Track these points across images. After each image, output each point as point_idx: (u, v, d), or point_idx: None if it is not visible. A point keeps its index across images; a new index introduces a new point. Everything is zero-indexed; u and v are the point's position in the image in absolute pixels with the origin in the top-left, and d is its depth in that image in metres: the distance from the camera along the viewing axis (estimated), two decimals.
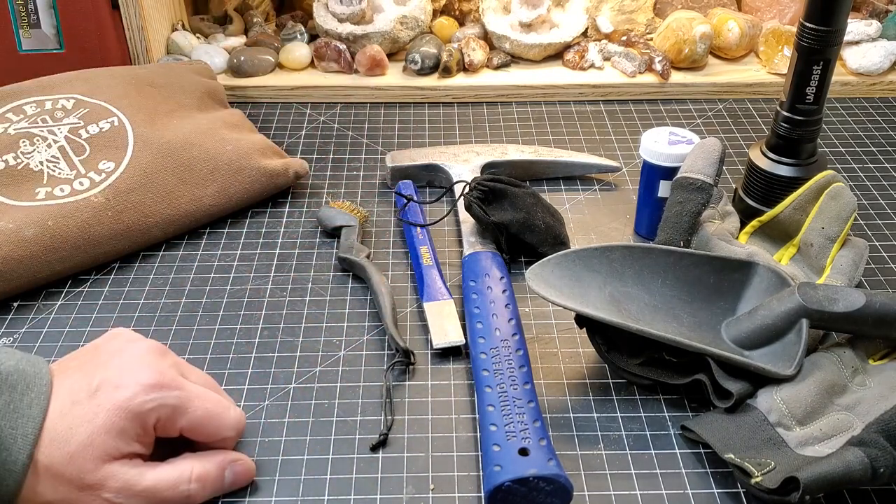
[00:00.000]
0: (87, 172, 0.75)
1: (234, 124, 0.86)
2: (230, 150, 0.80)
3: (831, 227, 0.68)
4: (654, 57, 1.03)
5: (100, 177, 0.75)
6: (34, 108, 0.79)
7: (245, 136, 0.84)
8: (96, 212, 0.73)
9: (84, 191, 0.74)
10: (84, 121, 0.79)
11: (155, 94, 0.85)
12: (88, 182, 0.75)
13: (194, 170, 0.78)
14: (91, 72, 0.86)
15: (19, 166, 0.75)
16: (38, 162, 0.75)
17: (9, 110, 0.79)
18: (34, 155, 0.75)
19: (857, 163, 0.91)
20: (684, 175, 0.68)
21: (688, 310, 0.63)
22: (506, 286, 0.67)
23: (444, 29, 1.10)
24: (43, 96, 0.80)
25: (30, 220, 0.71)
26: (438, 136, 0.95)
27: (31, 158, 0.75)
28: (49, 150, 0.76)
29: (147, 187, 0.76)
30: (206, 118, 0.85)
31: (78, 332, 0.68)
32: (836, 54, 0.71)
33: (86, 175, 0.75)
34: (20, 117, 0.78)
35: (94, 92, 0.82)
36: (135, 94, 0.84)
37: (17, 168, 0.74)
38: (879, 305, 0.58)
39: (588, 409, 0.61)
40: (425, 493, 0.55)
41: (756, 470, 0.52)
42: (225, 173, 0.79)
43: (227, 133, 0.83)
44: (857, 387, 0.59)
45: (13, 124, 0.77)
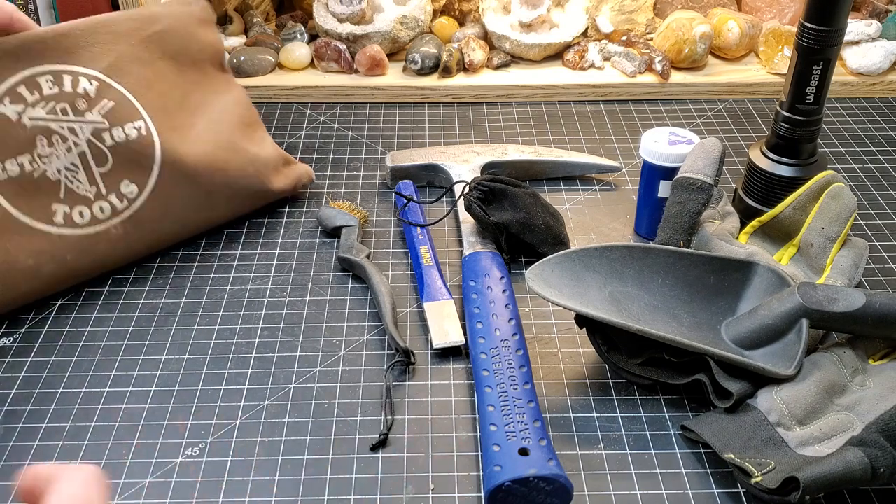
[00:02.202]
0: (109, 195, 0.71)
1: (248, 124, 0.82)
2: (251, 174, 0.78)
3: (831, 227, 0.68)
4: (654, 57, 1.03)
5: (122, 203, 0.71)
6: (51, 87, 0.69)
7: (263, 147, 0.81)
8: (113, 244, 0.72)
9: (105, 219, 0.70)
10: (108, 121, 0.71)
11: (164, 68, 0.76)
12: (110, 209, 0.71)
13: (214, 196, 0.76)
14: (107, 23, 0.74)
15: (35, 173, 0.68)
16: (55, 170, 0.69)
17: (21, 82, 0.68)
18: (52, 160, 0.68)
19: (857, 163, 0.91)
20: (684, 175, 0.68)
21: (688, 310, 0.63)
22: (506, 286, 0.67)
23: (444, 29, 1.10)
24: (61, 65, 0.70)
25: (48, 255, 0.68)
26: (438, 136, 0.95)
27: (49, 164, 0.68)
28: (68, 154, 0.69)
29: (166, 217, 0.74)
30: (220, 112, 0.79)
31: (78, 332, 0.68)
32: (836, 54, 0.71)
33: (107, 198, 0.71)
34: (35, 97, 0.68)
35: (116, 69, 0.72)
36: (153, 76, 0.75)
37: (32, 175, 0.68)
38: (879, 305, 0.58)
39: (588, 409, 0.61)
40: (425, 493, 0.55)
41: (756, 470, 0.52)
42: (243, 198, 0.78)
43: (247, 144, 0.79)
44: (857, 387, 0.59)
45: (28, 108, 0.68)
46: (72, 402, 0.62)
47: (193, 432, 0.59)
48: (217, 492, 0.55)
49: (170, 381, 0.63)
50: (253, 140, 0.81)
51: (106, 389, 0.63)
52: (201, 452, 0.58)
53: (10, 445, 0.58)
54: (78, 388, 0.63)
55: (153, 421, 0.60)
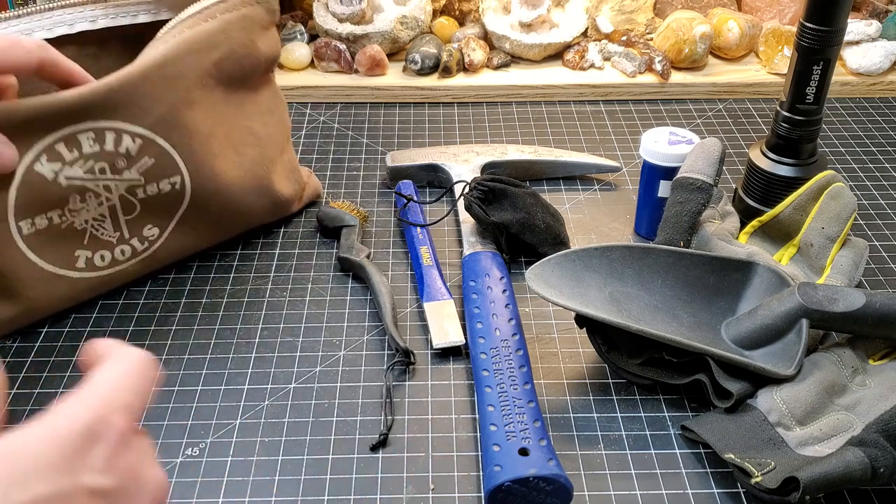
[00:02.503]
0: (131, 239, 0.69)
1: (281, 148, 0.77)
2: (270, 211, 0.77)
3: (831, 227, 0.68)
4: (654, 57, 1.03)
5: (142, 245, 0.70)
6: (91, 145, 0.63)
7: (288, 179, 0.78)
8: (127, 276, 0.71)
9: (124, 261, 0.69)
10: (145, 178, 0.67)
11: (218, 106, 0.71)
12: (130, 251, 0.69)
13: (226, 222, 0.75)
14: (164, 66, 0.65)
15: (63, 225, 0.65)
16: (83, 221, 0.65)
17: (60, 139, 0.62)
18: (81, 213, 0.65)
19: (857, 163, 0.91)
20: (684, 175, 0.68)
21: (688, 310, 0.63)
22: (506, 286, 0.67)
23: (444, 29, 1.10)
24: (106, 122, 0.63)
25: (67, 299, 0.68)
26: (438, 136, 0.95)
27: (77, 217, 0.65)
28: (99, 208, 0.66)
29: (181, 251, 0.73)
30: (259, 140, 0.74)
31: (78, 332, 0.68)
32: (836, 54, 0.71)
33: (129, 242, 0.69)
34: (73, 155, 0.62)
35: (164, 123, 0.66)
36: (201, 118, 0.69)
37: (60, 227, 0.64)
38: (879, 305, 0.58)
39: (588, 409, 0.61)
40: (425, 493, 0.55)
41: (756, 470, 0.52)
42: (257, 220, 0.77)
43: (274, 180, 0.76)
44: (857, 387, 0.59)
45: (65, 167, 0.62)
46: None
47: (193, 432, 0.59)
48: (217, 492, 0.55)
49: (170, 381, 0.63)
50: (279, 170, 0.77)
51: None
52: (201, 452, 0.58)
53: None
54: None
55: (153, 421, 0.60)
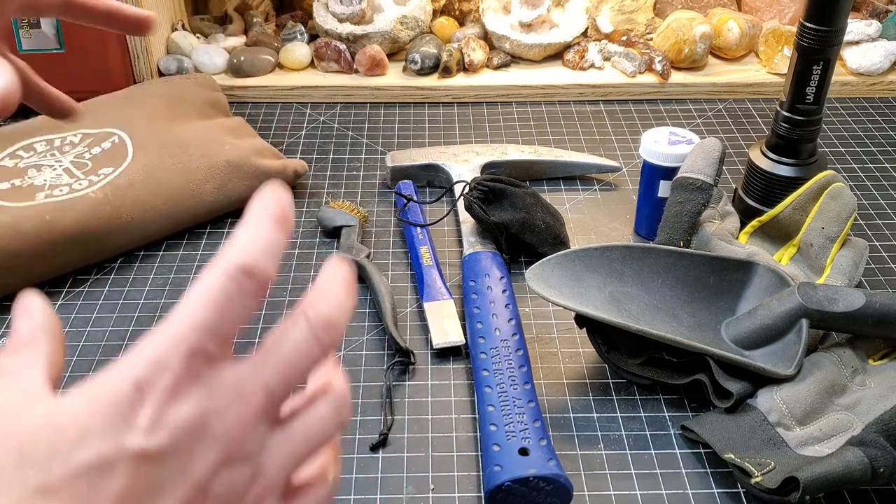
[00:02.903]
0: (87, 177, 0.77)
1: (235, 129, 0.86)
2: (228, 150, 0.81)
3: (831, 227, 0.68)
4: (654, 57, 1.03)
5: (98, 178, 0.76)
6: (44, 146, 0.81)
7: (245, 139, 0.85)
8: (94, 206, 0.73)
9: (82, 189, 0.75)
10: (89, 147, 0.81)
11: (157, 103, 0.87)
12: (87, 182, 0.76)
13: (192, 167, 0.78)
14: (97, 101, 0.88)
15: (24, 185, 0.76)
16: (42, 180, 0.76)
17: (20, 148, 0.81)
18: (39, 176, 0.77)
19: (857, 163, 0.91)
20: (684, 175, 0.68)
21: (688, 310, 0.63)
22: (506, 286, 0.67)
23: (444, 29, 1.10)
24: (52, 134, 0.83)
25: (27, 215, 0.71)
26: (438, 136, 0.95)
27: (36, 179, 0.77)
28: (54, 171, 0.78)
29: (146, 183, 0.76)
30: (206, 125, 0.86)
31: (78, 332, 0.68)
32: (836, 54, 0.71)
33: (86, 178, 0.77)
34: (30, 154, 0.80)
35: (98, 123, 0.84)
36: (135, 108, 0.86)
37: (22, 186, 0.76)
38: (879, 305, 0.58)
39: (588, 409, 0.61)
40: (425, 493, 0.55)
41: (756, 470, 0.52)
42: (223, 171, 0.79)
43: (227, 136, 0.84)
44: (857, 387, 0.59)
45: (23, 159, 0.80)
46: None
47: None
48: None
49: None
50: (235, 135, 0.85)
51: None
52: None
53: None
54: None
55: None
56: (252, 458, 0.33)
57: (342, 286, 0.35)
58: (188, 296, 0.33)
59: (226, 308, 0.32)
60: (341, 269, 0.36)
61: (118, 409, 0.30)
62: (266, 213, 0.35)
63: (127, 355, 0.32)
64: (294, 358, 0.33)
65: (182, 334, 0.32)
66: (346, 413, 0.36)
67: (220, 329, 0.32)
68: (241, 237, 0.34)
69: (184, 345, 0.32)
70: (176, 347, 0.32)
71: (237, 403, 0.32)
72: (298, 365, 0.33)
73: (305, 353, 0.33)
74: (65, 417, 0.31)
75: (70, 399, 0.31)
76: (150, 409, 0.31)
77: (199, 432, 0.31)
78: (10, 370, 0.35)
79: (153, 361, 0.31)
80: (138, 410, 0.30)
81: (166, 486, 0.31)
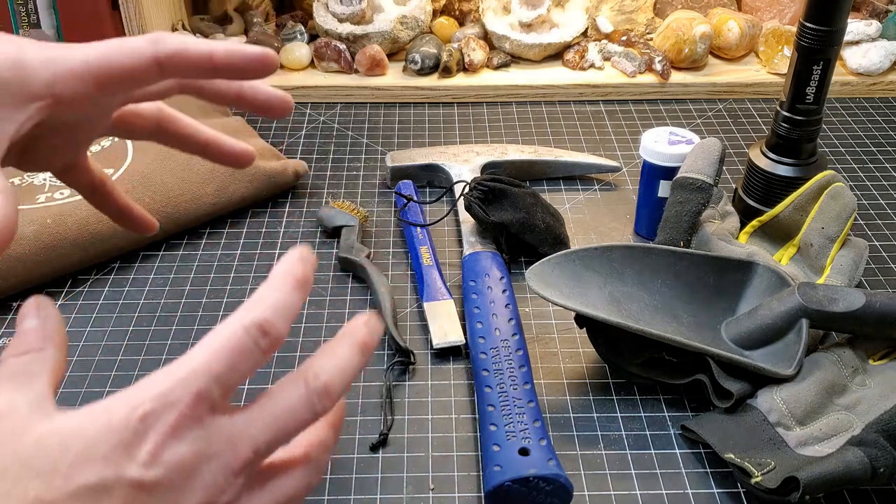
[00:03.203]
0: None
1: (235, 129, 0.86)
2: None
3: (831, 227, 0.68)
4: (654, 57, 1.03)
5: None
6: None
7: (245, 139, 0.84)
8: (95, 210, 0.73)
9: None
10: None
11: None
12: None
13: (192, 170, 0.78)
14: None
15: (24, 185, 0.76)
16: (41, 179, 0.76)
17: None
18: (38, 175, 0.77)
19: (857, 163, 0.91)
20: (684, 175, 0.68)
21: (688, 310, 0.63)
22: (506, 286, 0.67)
23: (444, 29, 1.10)
24: None
25: (28, 218, 0.71)
26: (438, 136, 0.95)
27: (35, 178, 0.77)
28: None
29: (146, 186, 0.76)
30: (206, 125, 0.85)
31: (78, 332, 0.68)
32: (836, 54, 0.71)
33: None
34: None
35: None
36: None
37: (21, 186, 0.76)
38: (879, 305, 0.58)
39: (588, 408, 0.61)
40: (425, 493, 0.55)
41: (756, 470, 0.52)
42: (223, 173, 0.79)
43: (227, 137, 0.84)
44: (857, 387, 0.59)
45: None
46: (72, 403, 0.62)
47: None
48: None
49: None
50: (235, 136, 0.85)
51: (106, 389, 0.63)
52: None
53: None
54: (78, 389, 0.63)
55: None
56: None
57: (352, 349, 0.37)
58: (203, 340, 0.34)
59: (237, 360, 0.34)
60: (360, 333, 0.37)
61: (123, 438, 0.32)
62: (289, 276, 0.36)
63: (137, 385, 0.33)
64: (286, 420, 0.35)
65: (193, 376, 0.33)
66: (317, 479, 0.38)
67: (228, 378, 0.34)
68: (262, 294, 0.35)
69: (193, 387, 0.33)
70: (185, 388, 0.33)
71: (227, 452, 0.34)
72: (288, 427, 0.35)
73: (298, 417, 0.35)
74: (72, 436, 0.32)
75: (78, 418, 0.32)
76: (152, 442, 0.32)
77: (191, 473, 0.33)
78: (19, 374, 0.35)
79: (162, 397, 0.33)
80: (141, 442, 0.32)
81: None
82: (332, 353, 0.37)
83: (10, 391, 0.34)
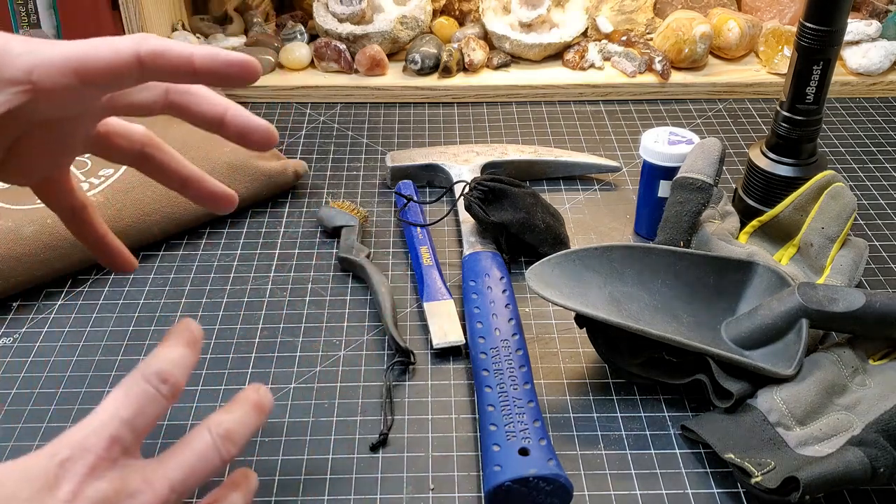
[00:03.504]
0: (88, 179, 0.77)
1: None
2: (228, 152, 0.80)
3: (831, 227, 0.68)
4: (654, 57, 1.03)
5: (99, 180, 0.76)
6: None
7: None
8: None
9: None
10: None
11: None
12: (88, 185, 0.76)
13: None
14: None
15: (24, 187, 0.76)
16: None
17: None
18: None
19: (857, 163, 0.91)
20: (684, 175, 0.68)
21: (688, 310, 0.63)
22: (506, 286, 0.67)
23: (444, 29, 1.10)
24: None
25: (28, 218, 0.71)
26: (438, 136, 0.95)
27: None
28: None
29: (146, 186, 0.76)
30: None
31: (78, 332, 0.68)
32: (836, 54, 0.71)
33: (86, 181, 0.76)
34: None
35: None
36: None
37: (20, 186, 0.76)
38: (879, 305, 0.58)
39: (588, 408, 0.61)
40: (425, 493, 0.55)
41: (756, 470, 0.52)
42: (224, 173, 0.79)
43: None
44: (857, 387, 0.59)
45: None
46: (72, 403, 0.62)
47: None
48: None
49: None
50: None
51: (106, 389, 0.63)
52: None
53: (10, 445, 0.58)
54: (78, 389, 0.63)
55: None
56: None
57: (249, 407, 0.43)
58: (110, 394, 0.38)
59: (143, 405, 0.38)
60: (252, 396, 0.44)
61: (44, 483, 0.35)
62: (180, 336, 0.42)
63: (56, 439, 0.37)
64: (196, 462, 0.39)
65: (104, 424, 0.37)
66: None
67: (137, 423, 0.38)
68: (159, 352, 0.41)
69: (105, 433, 0.37)
70: (98, 435, 0.37)
71: (146, 491, 0.37)
72: (199, 469, 0.39)
73: (206, 458, 0.40)
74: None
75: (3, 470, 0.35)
76: (72, 482, 0.35)
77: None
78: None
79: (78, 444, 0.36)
80: (61, 483, 0.35)
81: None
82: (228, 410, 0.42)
83: None
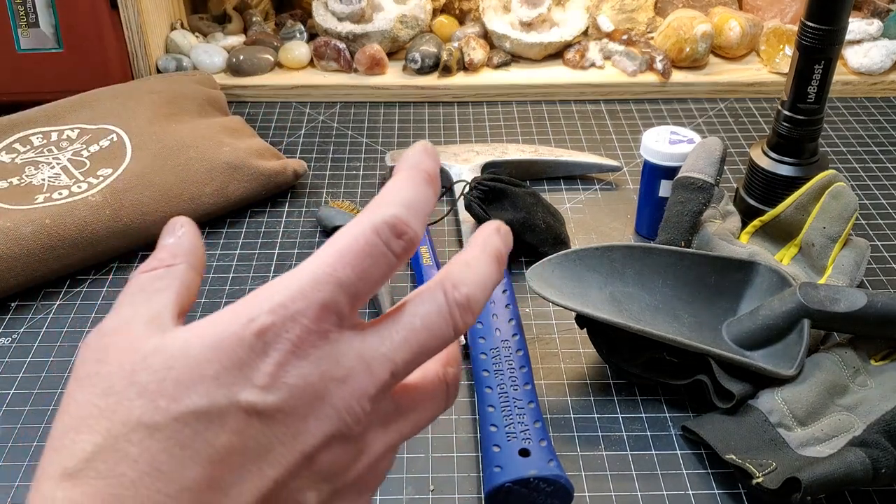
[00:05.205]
0: (86, 178, 0.77)
1: (234, 129, 0.86)
2: (227, 152, 0.80)
3: (833, 226, 0.68)
4: (655, 56, 1.03)
5: (98, 180, 0.76)
6: (40, 140, 0.82)
7: (244, 140, 0.84)
8: (94, 210, 0.73)
9: (82, 192, 0.75)
10: (86, 144, 0.81)
11: (155, 100, 0.87)
12: (87, 185, 0.76)
13: (191, 170, 0.78)
14: (95, 94, 0.88)
15: (22, 185, 0.76)
16: (40, 179, 0.77)
17: (16, 140, 0.82)
18: (37, 175, 0.77)
19: (859, 162, 0.90)
20: (685, 174, 0.68)
21: (689, 310, 0.63)
22: (506, 286, 0.67)
23: (444, 28, 1.10)
24: (49, 127, 0.83)
25: (27, 219, 0.71)
26: (438, 135, 0.95)
27: (34, 178, 0.77)
28: (52, 170, 0.78)
29: (145, 186, 0.76)
30: (205, 123, 0.85)
31: (77, 333, 0.68)
32: (838, 53, 0.70)
33: (84, 181, 0.76)
34: (27, 148, 0.81)
35: (96, 118, 0.84)
36: (134, 105, 0.86)
37: (20, 186, 0.76)
38: (881, 305, 0.58)
39: (589, 409, 0.61)
40: (425, 494, 0.55)
41: (757, 471, 0.52)
42: (222, 173, 0.78)
43: (226, 137, 0.83)
44: (859, 387, 0.59)
45: (20, 154, 0.80)
46: None
47: None
48: None
49: None
50: (234, 135, 0.85)
51: None
52: None
53: (9, 445, 0.58)
54: None
55: None
56: (362, 438, 0.30)
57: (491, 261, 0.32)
58: (328, 242, 0.29)
59: (367, 266, 0.29)
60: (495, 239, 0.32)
61: (237, 358, 0.27)
62: (417, 169, 0.31)
63: (251, 295, 0.28)
64: (425, 337, 0.30)
65: (316, 285, 0.28)
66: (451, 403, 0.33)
67: (356, 288, 0.28)
68: (390, 193, 0.30)
69: (317, 297, 0.28)
70: (308, 298, 0.28)
71: (361, 374, 0.29)
72: (428, 345, 0.30)
73: (438, 333, 0.30)
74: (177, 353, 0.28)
75: (189, 335, 0.28)
76: (271, 363, 0.27)
77: (317, 398, 0.28)
78: (143, 289, 0.32)
79: (282, 308, 0.27)
80: (258, 363, 0.27)
81: (274, 449, 0.28)
82: (467, 265, 0.31)
83: (129, 306, 0.30)
